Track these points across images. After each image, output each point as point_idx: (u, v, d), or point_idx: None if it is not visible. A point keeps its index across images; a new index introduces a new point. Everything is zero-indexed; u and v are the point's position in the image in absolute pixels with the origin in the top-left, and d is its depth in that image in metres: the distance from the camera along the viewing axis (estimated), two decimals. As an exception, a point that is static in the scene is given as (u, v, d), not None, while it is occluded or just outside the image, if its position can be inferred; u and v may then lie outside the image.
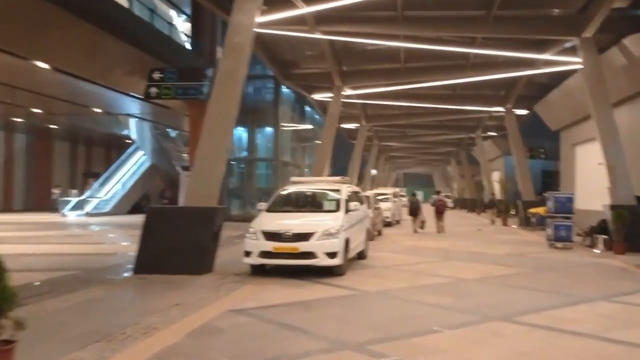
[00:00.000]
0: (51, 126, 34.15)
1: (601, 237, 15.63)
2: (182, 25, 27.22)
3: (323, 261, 9.93)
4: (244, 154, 31.22)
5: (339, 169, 42.72)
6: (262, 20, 15.40)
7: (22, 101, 25.25)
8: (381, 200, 26.29)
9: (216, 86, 10.61)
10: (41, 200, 37.07)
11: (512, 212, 29.29)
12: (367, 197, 19.62)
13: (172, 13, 28.73)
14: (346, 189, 11.80)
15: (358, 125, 35.75)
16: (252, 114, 30.12)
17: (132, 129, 34.83)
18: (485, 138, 43.62)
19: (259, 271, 10.52)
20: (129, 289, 9.27)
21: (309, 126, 37.00)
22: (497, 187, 39.87)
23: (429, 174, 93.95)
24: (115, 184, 33.63)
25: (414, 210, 22.24)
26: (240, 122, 30.83)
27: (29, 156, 38.13)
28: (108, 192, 33.19)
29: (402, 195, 49.33)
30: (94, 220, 28.12)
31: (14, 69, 19.14)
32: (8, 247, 14.21)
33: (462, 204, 55.54)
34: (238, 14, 10.89)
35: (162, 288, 9.17)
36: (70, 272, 10.78)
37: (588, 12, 15.73)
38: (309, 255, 9.89)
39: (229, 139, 10.87)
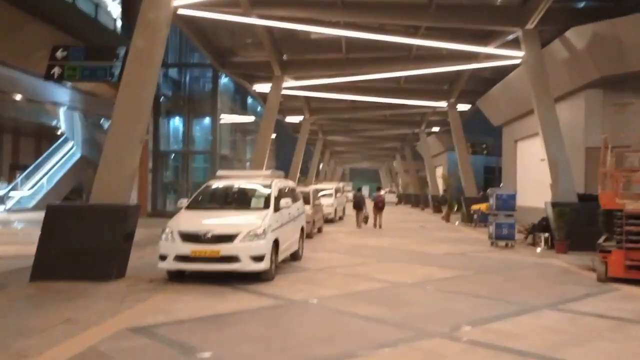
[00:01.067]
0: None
1: (543, 236, 15.29)
2: (114, 7, 25.39)
3: (248, 266, 8.90)
4: (180, 146, 29.63)
5: (283, 163, 41.73)
6: (189, 1, 14.27)
7: None
8: (323, 196, 25.59)
9: (127, 68, 9.36)
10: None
11: (455, 208, 29.10)
12: (307, 192, 18.81)
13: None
14: (277, 184, 10.78)
15: (302, 118, 34.82)
16: (189, 104, 28.66)
17: (61, 118, 32.53)
18: (429, 133, 43.56)
19: (176, 277, 9.39)
20: (15, 301, 7.93)
21: (252, 118, 35.67)
22: (440, 183, 39.89)
23: (376, 169, 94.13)
24: (41, 177, 31.31)
25: (358, 205, 22.71)
26: (177, 112, 29.34)
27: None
28: (33, 186, 30.86)
29: (347, 191, 49.12)
30: (14, 217, 26.01)
31: None
32: None
33: (406, 199, 55.58)
34: (152, -15, 9.64)
35: (55, 299, 7.92)
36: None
37: (531, 3, 15.29)
38: (232, 259, 8.83)
39: (142, 128, 9.63)
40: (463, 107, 30.31)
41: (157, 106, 27.62)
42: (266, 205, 9.98)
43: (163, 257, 9.03)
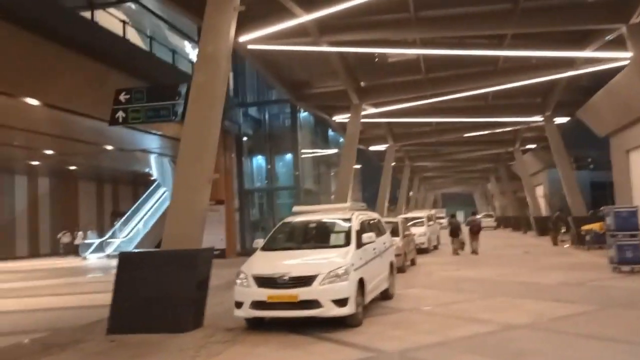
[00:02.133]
0: (71, 167, 33.28)
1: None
2: (190, 51, 25.96)
3: (330, 311, 7.87)
4: (264, 183, 29.48)
5: (370, 194, 40.65)
6: (257, 35, 13.89)
7: (31, 143, 24.30)
8: (414, 225, 24.20)
9: (190, 105, 8.85)
10: (67, 243, 36.07)
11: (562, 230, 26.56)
12: (395, 223, 17.62)
13: (185, 43, 27.58)
14: (358, 218, 9.75)
15: (386, 145, 33.78)
16: (270, 141, 28.55)
17: (152, 165, 33.64)
18: (525, 151, 40.87)
19: (256, 324, 8.53)
20: (88, 358, 7.40)
21: (334, 150, 35.09)
22: (542, 203, 37.08)
23: (469, 193, 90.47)
24: (137, 222, 32.32)
25: (454, 232, 22.06)
26: (259, 150, 29.30)
27: (53, 199, 37.34)
28: (130, 231, 31.87)
29: (440, 218, 46.97)
30: (114, 263, 26.69)
31: (11, 109, 18.04)
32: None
33: (505, 222, 52.43)
34: (210, 17, 9.11)
35: (128, 355, 7.32)
36: (39, 335, 9.03)
37: (636, -7, 13.53)
38: (312, 304, 7.85)
39: (209, 166, 9.01)
40: (561, 120, 28.03)
41: (240, 145, 27.77)
42: (347, 242, 8.95)
43: (239, 304, 8.23)
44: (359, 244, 9.03)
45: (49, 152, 26.48)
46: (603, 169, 35.87)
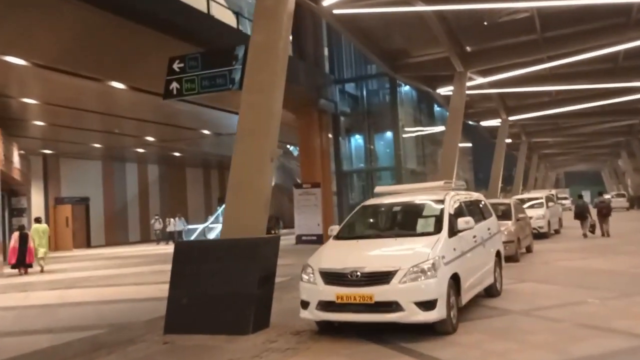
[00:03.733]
0: (176, 154, 33.99)
1: None
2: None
3: (413, 315, 6.31)
4: (363, 164, 27.95)
5: (485, 174, 37.74)
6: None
7: (129, 130, 24.76)
8: (532, 207, 21.63)
9: (248, 69, 7.59)
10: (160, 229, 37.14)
11: None
12: (507, 205, 15.50)
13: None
14: (453, 199, 8.01)
15: (499, 120, 30.90)
16: (369, 119, 26.96)
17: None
18: (663, 120, 35.77)
19: (328, 327, 7.18)
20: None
21: (440, 128, 32.69)
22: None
23: (597, 171, 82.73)
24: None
25: (582, 214, 20.37)
26: (357, 129, 27.84)
27: (163, 186, 38.57)
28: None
29: (562, 198, 42.78)
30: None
31: (102, 95, 18.12)
32: (72, 293, 12.63)
33: None
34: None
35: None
36: (96, 332, 8.36)
37: None
38: (391, 306, 6.34)
39: (271, 142, 7.72)
40: None
41: (337, 124, 26.47)
42: (438, 229, 7.27)
43: (305, 304, 6.90)
44: (453, 231, 7.34)
45: (150, 138, 26.90)
46: None
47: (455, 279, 6.92)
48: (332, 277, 6.68)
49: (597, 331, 6.53)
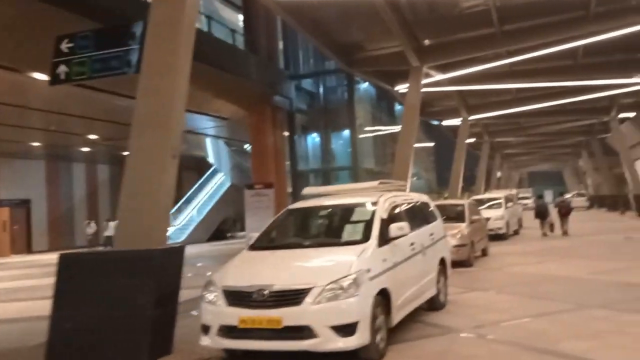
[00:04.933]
0: (125, 153, 32.31)
1: None
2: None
3: (329, 343, 5.27)
4: (319, 164, 26.91)
5: (447, 174, 37.17)
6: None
7: (69, 128, 23.19)
8: (490, 207, 21.01)
9: (147, 51, 6.45)
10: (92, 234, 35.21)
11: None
12: (460, 206, 14.67)
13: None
14: (386, 202, 7.01)
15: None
16: (326, 117, 25.94)
17: (208, 149, 32.17)
18: (622, 121, 35.70)
19: (240, 354, 6.08)
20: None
21: (398, 127, 31.91)
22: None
23: (559, 171, 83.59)
24: (192, 210, 30.91)
25: (541, 214, 20.81)
26: (314, 127, 26.82)
27: (113, 187, 36.78)
28: (183, 219, 30.49)
29: (524, 198, 42.55)
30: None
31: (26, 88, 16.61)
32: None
33: (600, 202, 47.01)
34: None
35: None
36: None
37: None
38: (302, 331, 5.29)
39: (174, 136, 6.58)
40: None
41: (292, 122, 25.39)
42: (366, 237, 6.26)
43: (205, 329, 5.80)
44: (385, 239, 6.34)
45: (93, 136, 25.35)
46: None
47: (384, 296, 5.92)
48: (236, 297, 5.60)
49: (544, 356, 5.60)
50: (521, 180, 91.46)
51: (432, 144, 43.47)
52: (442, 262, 8.42)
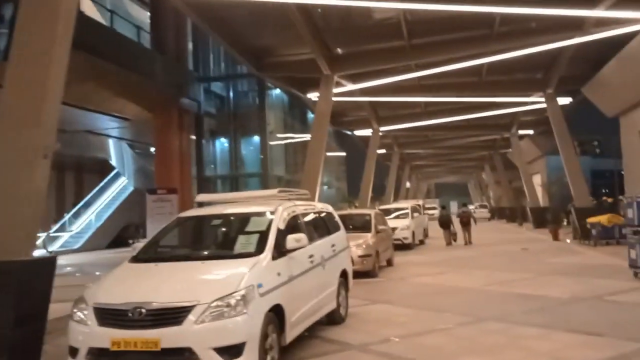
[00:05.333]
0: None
1: None
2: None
3: (211, 367, 4.78)
4: (227, 170, 26.17)
5: (358, 184, 37.54)
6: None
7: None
8: (397, 217, 21.29)
9: (17, 35, 5.69)
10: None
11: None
12: (367, 215, 14.60)
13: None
14: (286, 210, 6.63)
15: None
16: (235, 122, 25.28)
17: (111, 150, 30.45)
18: (522, 137, 37.79)
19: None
20: None
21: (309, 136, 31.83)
22: (539, 192, 34.15)
23: (464, 183, 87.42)
24: (90, 215, 29.04)
25: (445, 224, 21.64)
26: (223, 132, 26.09)
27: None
28: (80, 225, 28.57)
29: (431, 208, 43.90)
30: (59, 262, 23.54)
31: None
32: None
33: (500, 213, 49.47)
34: None
35: None
36: None
37: None
38: (182, 354, 4.77)
39: (47, 133, 5.84)
40: (563, 100, 24.91)
41: (200, 126, 24.53)
42: (259, 249, 5.83)
43: (73, 352, 5.12)
44: (281, 251, 5.95)
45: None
46: (608, 156, 32.95)
47: (277, 312, 5.52)
48: (109, 316, 4.98)
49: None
50: (429, 191, 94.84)
51: (344, 154, 43.83)
52: (344, 274, 8.17)
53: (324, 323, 7.52)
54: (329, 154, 40.16)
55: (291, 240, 6.09)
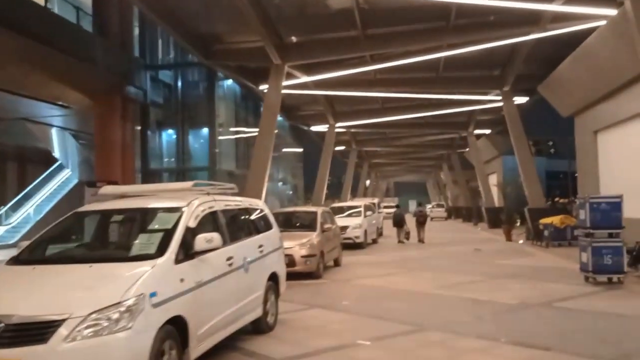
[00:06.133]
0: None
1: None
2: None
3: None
4: (174, 163, 24.94)
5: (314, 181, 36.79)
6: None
7: None
8: (350, 215, 20.73)
9: None
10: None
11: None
12: (312, 213, 13.85)
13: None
14: (200, 206, 5.78)
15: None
16: (183, 113, 24.11)
17: (53, 141, 28.78)
18: (479, 137, 37.78)
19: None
20: None
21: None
22: (495, 192, 34.11)
23: (423, 182, 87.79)
24: (28, 208, 27.35)
25: (398, 223, 21.82)
26: (170, 122, 24.89)
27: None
28: (17, 218, 26.85)
29: (390, 207, 43.53)
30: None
31: None
32: None
33: (457, 213, 49.59)
34: None
35: None
36: None
37: None
38: (48, 382, 3.88)
39: None
40: (520, 100, 24.75)
41: (146, 116, 23.27)
42: (160, 250, 4.96)
43: None
44: (188, 253, 5.12)
45: None
46: (562, 157, 33.21)
47: (179, 325, 4.68)
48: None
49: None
50: (388, 190, 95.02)
51: (301, 150, 43.05)
52: (274, 277, 7.37)
53: (248, 332, 6.74)
54: (285, 150, 39.35)
55: (201, 240, 5.24)
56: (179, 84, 24.90)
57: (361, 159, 49.32)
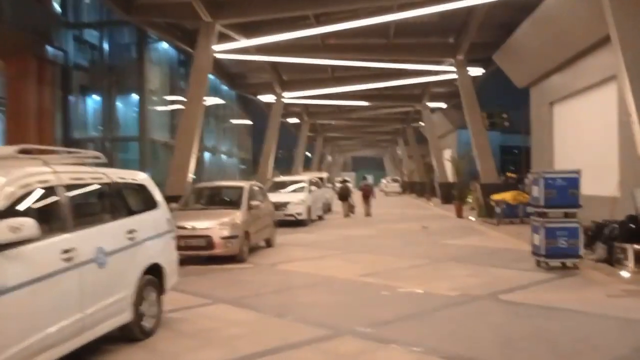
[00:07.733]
0: None
1: (631, 248, 8.68)
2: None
3: None
4: (100, 132, 22.74)
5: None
6: None
7: None
8: (293, 191, 19.38)
9: None
10: None
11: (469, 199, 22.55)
12: (239, 188, 12.29)
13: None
14: (17, 182, 4.15)
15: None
16: (111, 77, 21.91)
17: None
18: (433, 111, 36.71)
19: None
20: None
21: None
22: (449, 167, 33.23)
23: (380, 157, 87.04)
24: None
25: (343, 196, 22.23)
26: (95, 87, 22.65)
27: None
28: None
29: (344, 181, 42.35)
30: None
31: None
32: None
33: (412, 188, 48.83)
34: None
35: None
36: None
37: None
38: None
39: None
40: (475, 71, 23.62)
41: (68, 80, 21.00)
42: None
43: None
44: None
45: None
46: (516, 132, 32.57)
47: None
48: None
49: None
50: (345, 165, 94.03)
51: (250, 122, 41.18)
52: (155, 270, 5.83)
53: (116, 339, 5.22)
54: (232, 121, 37.39)
55: (3, 229, 3.65)
56: (107, 45, 22.56)
57: (315, 132, 47.82)
